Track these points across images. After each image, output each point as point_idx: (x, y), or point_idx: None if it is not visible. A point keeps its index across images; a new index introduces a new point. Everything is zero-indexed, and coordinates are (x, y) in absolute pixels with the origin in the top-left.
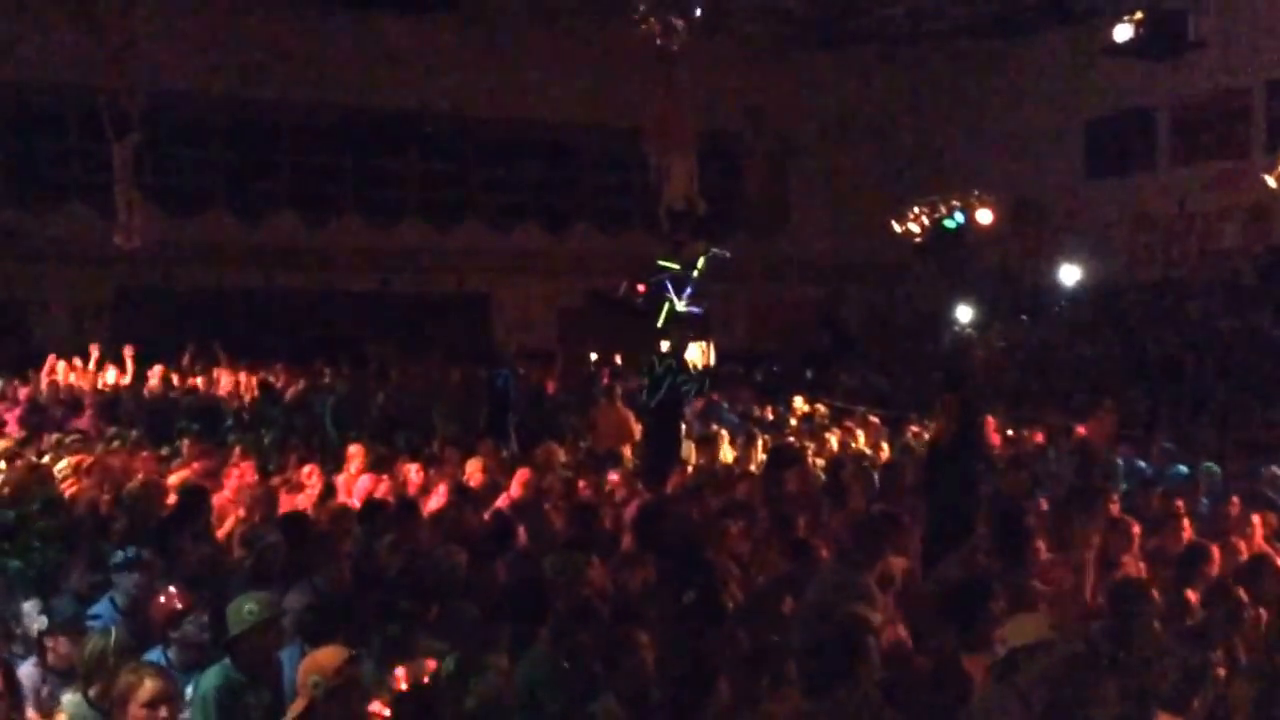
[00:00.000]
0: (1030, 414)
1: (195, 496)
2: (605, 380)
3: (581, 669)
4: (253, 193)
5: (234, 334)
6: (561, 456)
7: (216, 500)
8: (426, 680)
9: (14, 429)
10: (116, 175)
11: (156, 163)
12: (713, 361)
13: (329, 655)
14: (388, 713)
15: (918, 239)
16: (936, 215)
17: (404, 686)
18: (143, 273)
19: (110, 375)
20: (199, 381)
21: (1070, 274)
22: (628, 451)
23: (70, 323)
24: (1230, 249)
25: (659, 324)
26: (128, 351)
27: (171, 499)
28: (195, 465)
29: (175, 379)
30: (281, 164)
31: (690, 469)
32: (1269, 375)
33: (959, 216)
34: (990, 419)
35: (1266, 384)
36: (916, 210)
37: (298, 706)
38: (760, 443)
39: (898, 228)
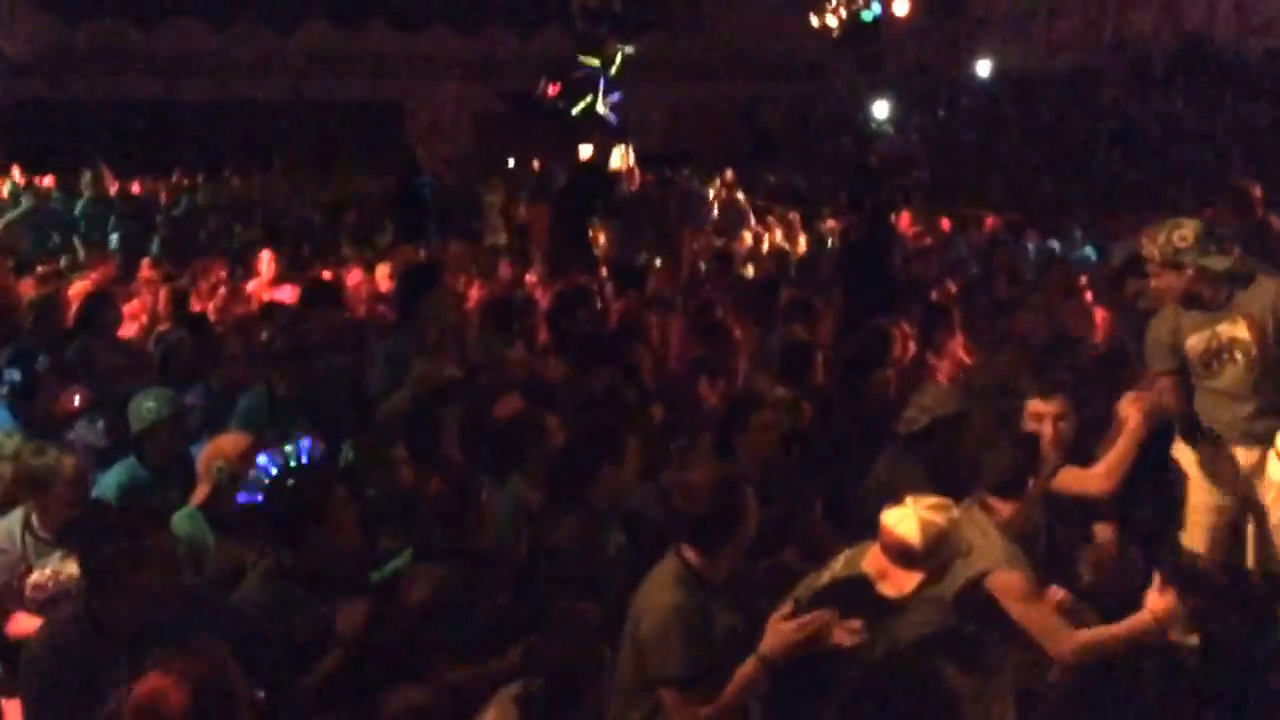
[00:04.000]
0: (944, 204)
1: (101, 302)
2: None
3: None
4: None
5: (133, 147)
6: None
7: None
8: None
9: None
10: None
11: None
12: (633, 164)
13: (232, 441)
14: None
15: (835, 33)
16: (854, 7)
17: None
18: (32, 83)
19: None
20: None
21: (985, 66)
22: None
23: None
24: (1143, 35)
25: (577, 117)
26: (16, 172)
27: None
28: (95, 275)
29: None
30: None
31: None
32: (1179, 161)
33: (876, 8)
34: (905, 211)
35: (1176, 169)
36: (834, 2)
37: (201, 492)
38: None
39: (815, 21)
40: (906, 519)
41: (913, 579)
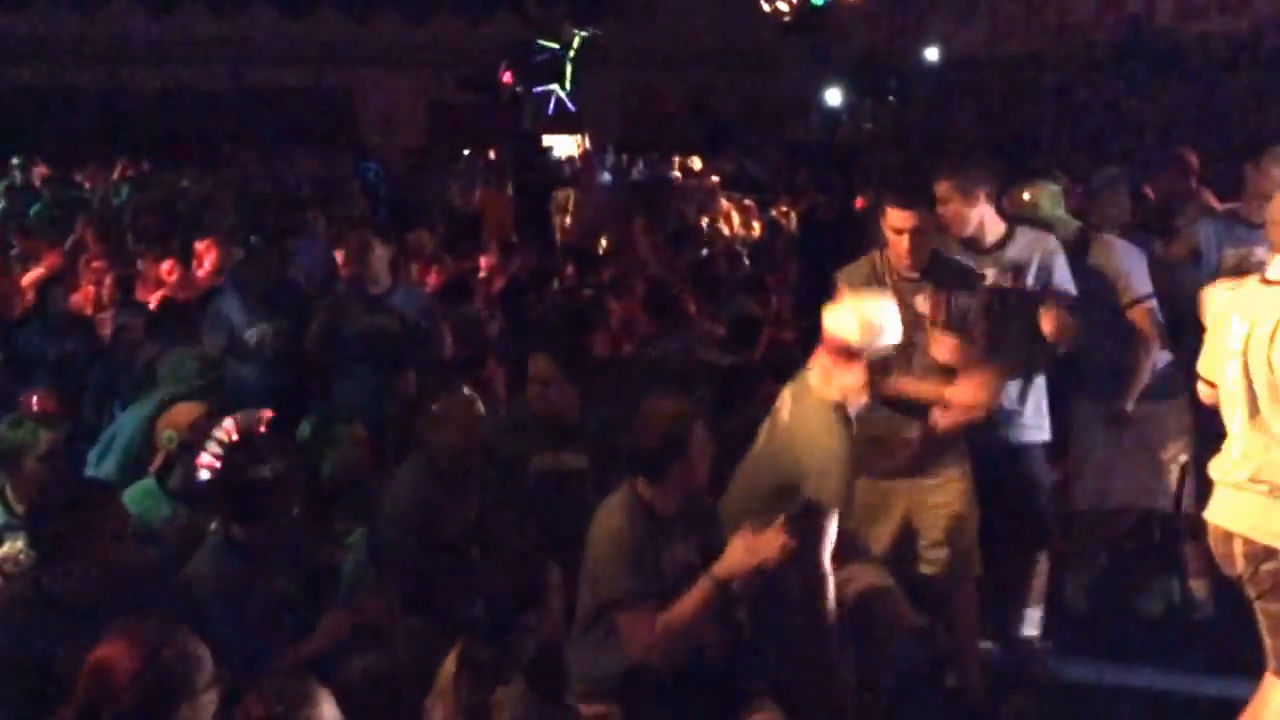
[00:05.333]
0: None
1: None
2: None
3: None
4: None
5: (75, 136)
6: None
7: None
8: (261, 429)
9: None
10: None
11: None
12: (588, 150)
13: (185, 410)
14: (216, 464)
15: (786, 18)
16: None
17: (234, 437)
18: None
19: None
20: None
21: (933, 51)
22: None
23: None
24: (1085, 21)
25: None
26: None
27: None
28: (46, 264)
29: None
30: None
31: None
32: (1121, 145)
33: None
34: (859, 196)
35: (1119, 152)
36: None
37: (155, 463)
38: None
39: (766, 6)
40: (845, 318)
41: (857, 372)
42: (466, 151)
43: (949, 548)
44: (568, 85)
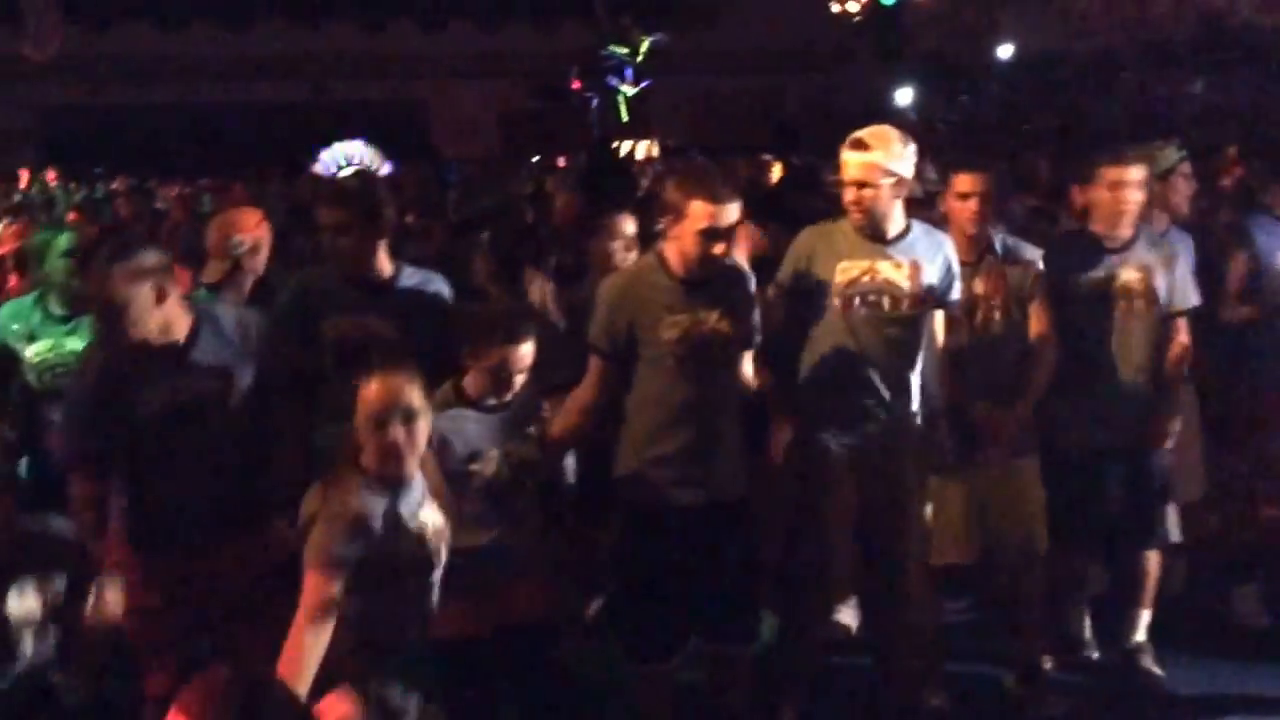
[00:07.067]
0: None
1: None
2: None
3: None
4: (171, 1)
5: (162, 151)
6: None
7: None
8: None
9: None
10: None
11: None
12: (656, 155)
13: (245, 215)
14: None
15: (856, 18)
16: None
17: None
18: (66, 91)
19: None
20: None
21: (1007, 49)
22: None
23: None
24: (1162, 16)
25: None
26: (50, 175)
27: None
28: None
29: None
30: None
31: None
32: (1198, 140)
33: None
34: None
35: (1197, 150)
36: None
37: (216, 269)
38: None
39: (835, 7)
40: None
41: None
42: (535, 159)
43: (1021, 530)
44: (631, 91)
